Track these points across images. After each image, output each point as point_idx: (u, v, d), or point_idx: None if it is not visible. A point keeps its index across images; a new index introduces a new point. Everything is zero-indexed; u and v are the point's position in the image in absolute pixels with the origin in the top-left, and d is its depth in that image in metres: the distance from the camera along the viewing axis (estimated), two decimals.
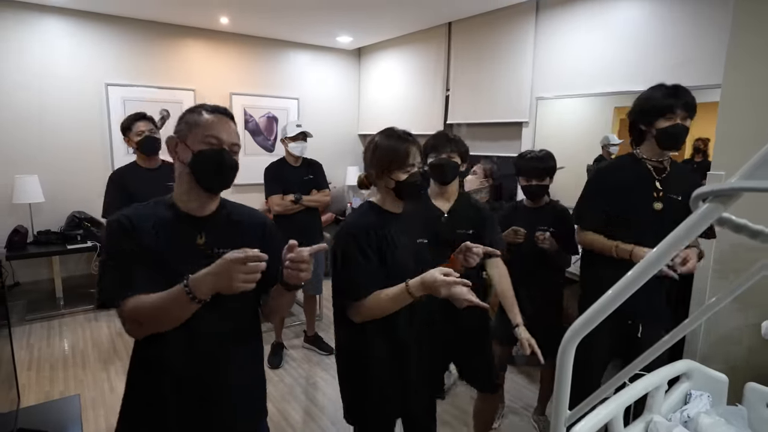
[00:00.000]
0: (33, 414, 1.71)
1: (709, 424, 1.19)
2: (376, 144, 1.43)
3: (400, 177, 1.38)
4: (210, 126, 1.14)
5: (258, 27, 4.58)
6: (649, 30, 2.88)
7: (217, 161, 1.13)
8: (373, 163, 1.42)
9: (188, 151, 1.13)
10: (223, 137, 1.15)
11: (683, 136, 1.69)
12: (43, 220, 4.05)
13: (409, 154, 1.38)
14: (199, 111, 1.17)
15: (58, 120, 4.05)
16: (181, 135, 1.15)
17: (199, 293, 0.99)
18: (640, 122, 1.76)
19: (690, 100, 1.67)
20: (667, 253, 0.68)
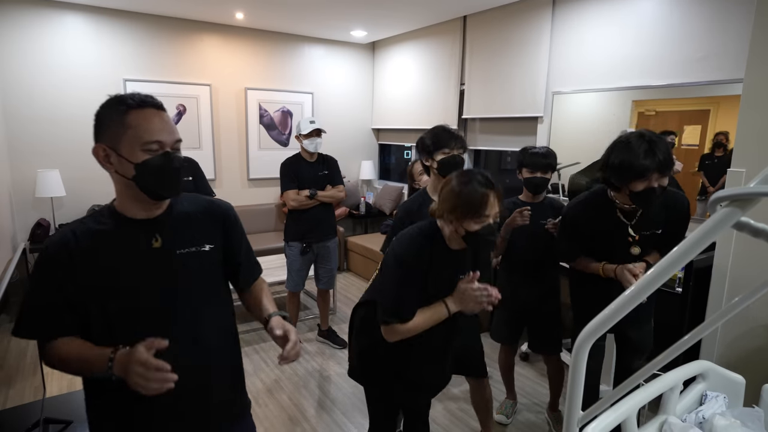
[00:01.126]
0: (58, 403, 1.76)
1: (724, 425, 1.18)
2: (452, 189, 1.34)
3: (472, 227, 1.32)
4: (145, 130, 0.98)
5: (273, 22, 4.59)
6: (668, 23, 2.82)
7: (168, 168, 1.00)
8: (446, 206, 1.34)
9: (126, 163, 0.98)
10: (164, 138, 1.00)
11: (658, 198, 1.64)
12: (65, 213, 4.15)
13: (486, 204, 1.31)
14: (122, 109, 0.98)
15: (78, 115, 4.13)
16: (111, 142, 0.99)
17: (116, 369, 0.92)
18: (614, 179, 1.67)
19: (664, 158, 1.57)
20: (683, 258, 0.68)
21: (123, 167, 0.99)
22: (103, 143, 1.00)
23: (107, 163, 1.01)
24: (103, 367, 0.93)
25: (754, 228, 0.67)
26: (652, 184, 1.59)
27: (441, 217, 1.38)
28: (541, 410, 2.59)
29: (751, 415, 1.21)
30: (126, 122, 0.98)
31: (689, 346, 0.96)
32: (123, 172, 1.00)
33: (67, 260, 0.98)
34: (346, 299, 4.31)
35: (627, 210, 1.76)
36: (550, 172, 2.20)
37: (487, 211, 1.31)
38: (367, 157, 5.83)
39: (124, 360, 0.91)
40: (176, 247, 1.07)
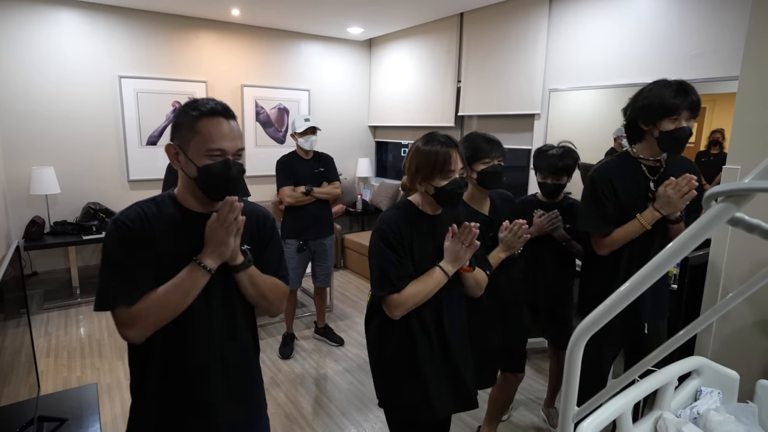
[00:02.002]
0: (52, 401, 1.75)
1: (718, 421, 1.18)
2: (417, 149, 1.41)
3: (440, 183, 1.37)
4: (211, 137, 1.07)
5: (269, 18, 4.57)
6: (665, 21, 2.82)
7: (225, 176, 1.09)
8: (412, 169, 1.41)
9: (191, 164, 1.08)
10: (227, 146, 1.09)
11: (686, 140, 1.57)
12: (60, 211, 4.13)
13: (450, 160, 1.36)
14: (194, 115, 1.07)
15: (73, 112, 4.11)
16: (182, 144, 1.09)
17: (206, 261, 1.07)
18: (641, 121, 1.63)
19: (696, 99, 1.54)
20: (678, 254, 0.68)
21: (188, 168, 1.09)
22: (175, 142, 1.10)
23: (176, 161, 1.11)
24: (198, 271, 1.07)
25: (748, 224, 0.67)
26: (682, 124, 1.53)
27: (411, 184, 1.44)
28: (537, 406, 2.60)
29: (745, 411, 1.22)
30: (196, 127, 1.07)
31: (684, 341, 0.96)
32: (187, 172, 1.10)
33: (143, 234, 1.07)
34: (343, 297, 4.30)
35: (651, 165, 1.69)
36: (565, 175, 2.09)
37: (452, 167, 1.36)
38: (364, 154, 5.82)
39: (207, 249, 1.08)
40: None
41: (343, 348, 3.31)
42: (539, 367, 3.05)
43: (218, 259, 1.10)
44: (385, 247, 1.38)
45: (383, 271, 1.37)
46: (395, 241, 1.38)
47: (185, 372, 1.13)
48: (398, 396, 1.49)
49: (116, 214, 1.09)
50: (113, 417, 2.44)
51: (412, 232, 1.41)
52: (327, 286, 3.40)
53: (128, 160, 4.36)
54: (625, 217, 1.71)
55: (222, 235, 1.08)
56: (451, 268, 1.40)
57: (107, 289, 1.05)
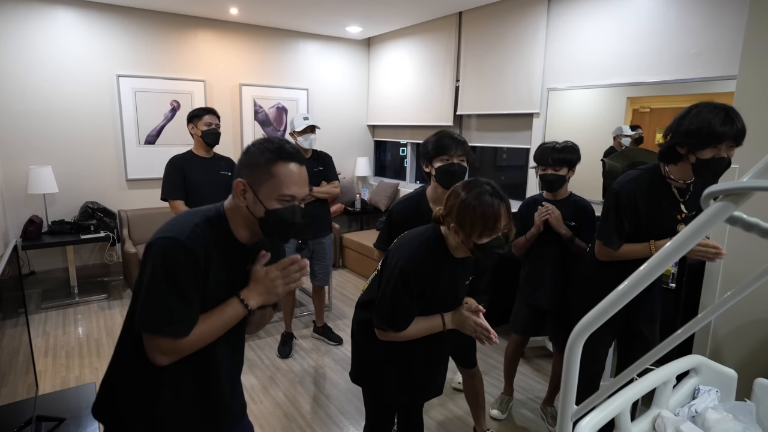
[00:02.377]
0: (50, 401, 1.75)
1: (716, 419, 1.19)
2: (464, 202, 1.29)
3: (483, 240, 1.29)
4: (286, 182, 1.07)
5: (267, 17, 4.57)
6: (663, 20, 2.83)
7: (292, 222, 1.09)
8: (458, 222, 1.30)
9: (260, 205, 1.07)
10: (297, 192, 1.09)
11: (724, 171, 1.51)
12: (57, 210, 4.12)
13: (500, 218, 1.28)
14: (271, 158, 1.07)
15: (71, 111, 4.10)
16: (253, 183, 1.07)
17: (251, 303, 1.09)
18: (681, 145, 1.54)
19: (742, 128, 1.46)
20: (677, 252, 0.68)
21: (255, 207, 1.08)
22: (246, 180, 1.08)
23: (241, 198, 1.09)
24: (239, 308, 1.08)
25: (746, 222, 0.67)
26: (722, 154, 1.47)
27: (448, 226, 1.35)
28: (536, 406, 2.60)
29: (743, 409, 1.22)
30: (272, 171, 1.07)
31: (682, 340, 0.96)
32: (254, 212, 1.09)
33: (205, 261, 1.05)
34: (341, 296, 4.30)
35: (680, 187, 1.65)
36: (565, 167, 2.09)
37: (499, 225, 1.28)
38: (363, 153, 5.82)
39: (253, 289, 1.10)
40: None
41: (342, 347, 3.31)
42: (538, 366, 3.05)
43: (262, 303, 1.12)
44: (405, 288, 1.35)
45: (395, 312, 1.38)
46: (418, 283, 1.36)
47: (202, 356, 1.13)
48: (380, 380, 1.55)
49: (176, 233, 1.02)
50: None
51: (436, 272, 1.38)
52: (326, 285, 3.40)
53: (126, 159, 4.35)
54: (640, 234, 1.69)
55: (278, 287, 1.11)
56: (450, 326, 1.44)
57: (165, 316, 1.00)
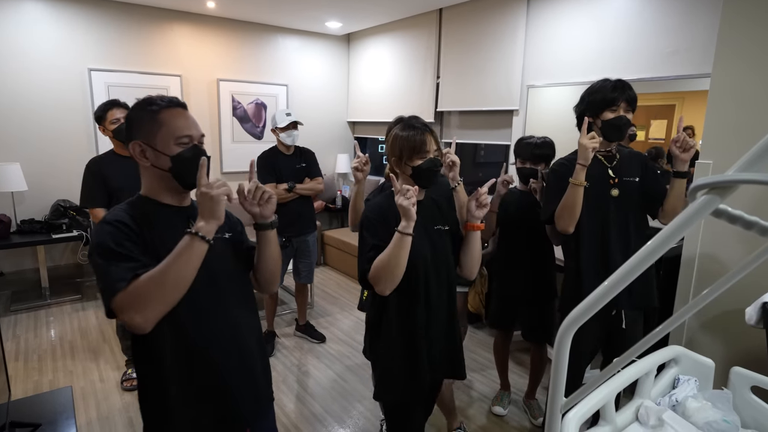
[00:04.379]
0: (24, 406, 1.69)
1: (696, 408, 1.22)
2: (394, 135, 1.53)
3: (416, 163, 1.48)
4: (177, 126, 1.12)
5: (245, 11, 4.49)
6: (640, 19, 2.88)
7: (196, 159, 1.10)
8: (391, 152, 1.53)
9: (161, 156, 1.11)
10: (193, 133, 1.15)
11: (626, 127, 1.77)
12: (27, 209, 3.97)
13: (425, 142, 1.47)
14: (154, 109, 1.12)
15: (40, 106, 3.95)
16: (147, 139, 1.11)
17: (205, 232, 1.05)
18: (587, 114, 1.81)
19: (632, 94, 1.76)
20: (664, 244, 0.69)
21: (159, 160, 1.11)
22: (139, 140, 1.12)
23: (143, 158, 1.12)
24: (193, 241, 1.03)
25: (731, 215, 0.69)
26: (620, 113, 1.74)
27: (397, 167, 1.53)
28: (518, 398, 2.64)
29: (721, 397, 1.26)
30: (159, 120, 1.11)
31: (661, 337, 0.98)
32: (160, 165, 1.12)
33: (137, 230, 1.07)
34: (323, 293, 4.28)
35: (605, 155, 1.86)
36: (542, 163, 2.19)
37: (427, 148, 1.48)
38: (343, 150, 5.79)
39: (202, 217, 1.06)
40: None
41: (325, 345, 3.30)
42: (520, 360, 3.09)
43: (214, 224, 1.07)
44: (366, 233, 1.48)
45: (363, 254, 1.47)
46: (378, 226, 1.46)
47: (198, 357, 1.14)
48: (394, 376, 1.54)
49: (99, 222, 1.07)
50: (89, 420, 2.36)
51: (395, 215, 1.43)
52: (310, 282, 3.37)
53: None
54: (590, 206, 1.81)
55: (214, 201, 1.06)
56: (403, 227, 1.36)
57: (107, 283, 1.01)
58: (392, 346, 1.52)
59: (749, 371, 1.31)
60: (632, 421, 1.26)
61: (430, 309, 1.52)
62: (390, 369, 1.53)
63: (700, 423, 1.19)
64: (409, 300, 1.49)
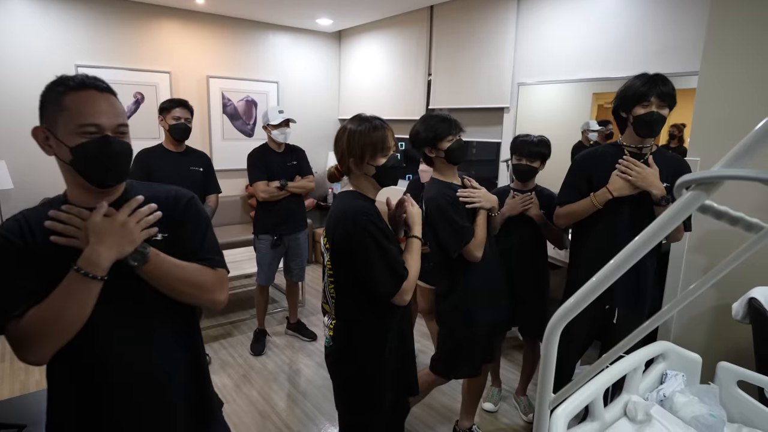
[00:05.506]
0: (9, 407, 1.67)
1: (683, 402, 1.24)
2: (350, 132, 1.39)
3: (380, 162, 1.39)
4: (81, 112, 0.93)
5: (235, 8, 4.45)
6: (628, 17, 2.90)
7: (103, 154, 0.94)
8: (349, 152, 1.39)
9: (63, 146, 0.94)
10: (103, 122, 0.95)
11: (658, 123, 1.72)
12: (13, 207, 3.91)
13: (387, 138, 1.40)
14: (60, 90, 0.95)
15: (26, 103, 3.88)
16: (50, 124, 0.95)
17: (95, 269, 0.90)
18: (621, 109, 1.81)
19: (666, 89, 1.69)
20: (651, 240, 0.69)
21: (60, 151, 0.95)
22: (44, 125, 0.97)
23: (47, 146, 0.98)
24: (79, 281, 0.90)
25: (717, 211, 0.69)
26: (652, 109, 1.69)
27: (343, 167, 1.44)
28: (509, 395, 2.65)
29: (707, 392, 1.28)
30: (63, 103, 0.94)
31: (649, 332, 0.99)
32: (61, 156, 0.96)
33: (22, 246, 0.93)
34: (315, 291, 4.27)
35: (633, 151, 1.81)
36: (538, 160, 2.20)
37: (389, 144, 1.41)
38: None
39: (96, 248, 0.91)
40: None
41: (316, 343, 3.29)
42: (511, 357, 3.11)
43: (115, 258, 0.93)
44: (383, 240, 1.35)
45: (392, 266, 1.34)
46: (384, 227, 1.38)
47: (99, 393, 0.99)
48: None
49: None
50: None
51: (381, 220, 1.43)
52: (301, 281, 3.36)
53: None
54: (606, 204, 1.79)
55: (134, 231, 0.94)
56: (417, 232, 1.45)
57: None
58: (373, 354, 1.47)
59: (735, 366, 1.32)
60: (621, 417, 1.27)
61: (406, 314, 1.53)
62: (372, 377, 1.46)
63: (687, 417, 1.20)
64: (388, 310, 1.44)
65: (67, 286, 0.90)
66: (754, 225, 0.70)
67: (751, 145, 0.56)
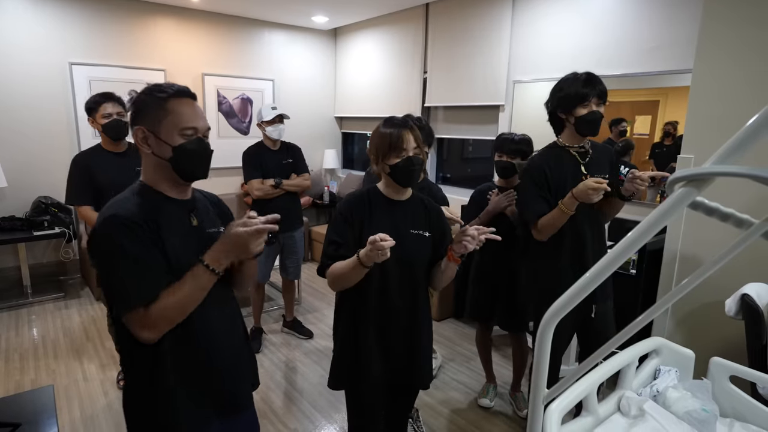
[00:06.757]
0: (4, 405, 1.66)
1: (676, 398, 1.25)
2: (374, 132, 1.50)
3: (393, 161, 1.43)
4: (183, 116, 1.09)
5: (231, 5, 4.43)
6: (623, 14, 2.91)
7: (200, 154, 1.12)
8: (373, 151, 1.49)
9: (164, 145, 1.08)
10: (199, 125, 1.12)
11: (599, 121, 1.76)
12: (7, 206, 3.89)
13: (402, 139, 1.42)
14: (162, 96, 1.09)
15: (20, 101, 3.86)
16: (152, 126, 1.08)
17: (218, 267, 1.07)
18: (559, 111, 1.81)
19: (602, 88, 1.75)
20: (643, 236, 0.70)
21: (161, 149, 1.08)
22: (143, 126, 1.09)
23: (145, 145, 1.10)
24: (205, 275, 1.06)
25: (708, 207, 0.70)
26: (593, 108, 1.72)
27: (376, 166, 1.51)
28: (504, 391, 2.66)
29: (700, 387, 1.28)
30: (166, 108, 1.08)
31: (643, 326, 1.00)
32: (160, 154, 1.09)
33: (148, 225, 1.04)
34: (311, 290, 4.27)
35: (578, 151, 1.85)
36: (519, 157, 2.24)
37: (405, 146, 1.43)
38: (331, 145, 5.77)
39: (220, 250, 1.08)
40: (207, 227, 1.19)
41: (313, 341, 3.29)
42: (506, 353, 3.12)
43: (227, 263, 1.11)
44: (339, 225, 1.48)
45: (324, 252, 1.48)
46: (343, 225, 1.47)
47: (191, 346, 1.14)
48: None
49: (111, 213, 1.03)
50: (71, 420, 2.33)
51: (373, 213, 1.48)
52: (297, 278, 3.36)
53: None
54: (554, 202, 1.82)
55: (250, 243, 1.09)
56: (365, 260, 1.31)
57: (126, 290, 1.01)
58: (344, 338, 1.55)
59: (728, 361, 1.33)
60: (614, 412, 1.28)
61: (388, 311, 1.50)
62: (339, 359, 1.57)
63: (680, 412, 1.21)
64: (363, 298, 1.49)
65: (197, 277, 1.05)
66: (744, 221, 0.70)
67: (742, 142, 0.56)
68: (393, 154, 1.43)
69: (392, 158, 1.43)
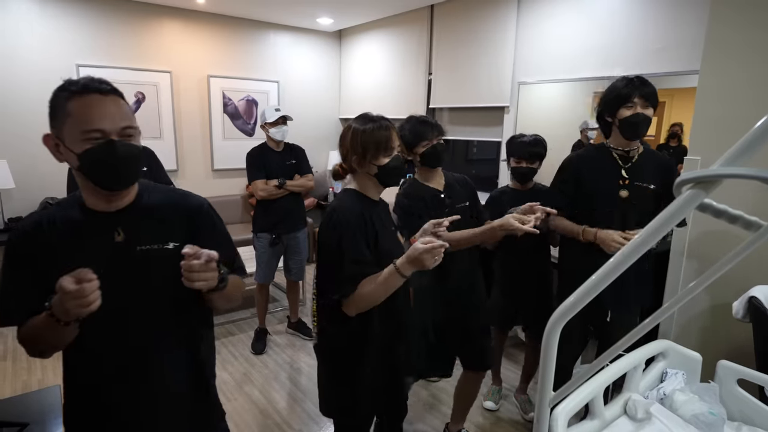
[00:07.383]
0: (11, 405, 1.67)
1: (683, 401, 1.24)
2: (354, 130, 1.40)
3: (383, 162, 1.38)
4: (84, 118, 0.92)
5: (236, 7, 4.45)
6: (629, 15, 2.90)
7: (109, 159, 0.93)
8: (353, 150, 1.39)
9: (70, 153, 0.93)
10: (106, 126, 0.93)
11: (643, 125, 1.72)
12: (15, 207, 3.92)
13: (390, 138, 1.38)
14: (64, 95, 0.93)
15: (27, 103, 3.89)
16: (59, 131, 0.94)
17: (64, 316, 0.86)
18: (605, 113, 1.80)
19: (648, 89, 1.70)
20: (651, 239, 0.69)
21: (69, 157, 0.95)
22: (53, 132, 0.97)
23: (57, 153, 0.98)
24: (50, 321, 0.89)
25: (716, 209, 0.69)
26: (637, 111, 1.69)
27: (346, 165, 1.43)
28: (510, 394, 2.65)
29: (708, 390, 1.28)
30: (68, 110, 0.93)
31: (649, 329, 0.99)
32: (70, 163, 0.96)
33: (41, 242, 0.97)
34: None
35: (621, 154, 1.82)
36: (537, 161, 2.21)
37: (393, 144, 1.39)
38: (335, 147, 5.75)
39: (56, 302, 0.86)
40: (137, 243, 1.02)
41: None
42: (511, 356, 3.11)
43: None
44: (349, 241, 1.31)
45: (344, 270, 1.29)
46: (361, 234, 1.32)
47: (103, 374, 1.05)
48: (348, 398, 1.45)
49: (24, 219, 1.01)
50: None
51: (371, 222, 1.37)
52: (300, 279, 3.37)
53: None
54: (593, 205, 1.81)
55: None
56: (407, 269, 1.24)
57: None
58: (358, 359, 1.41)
59: (735, 364, 1.32)
60: (621, 415, 1.27)
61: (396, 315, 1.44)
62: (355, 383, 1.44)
63: (687, 415, 1.20)
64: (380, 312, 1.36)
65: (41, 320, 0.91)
66: (753, 223, 0.70)
67: (750, 144, 0.56)
68: (382, 154, 1.38)
69: (381, 158, 1.38)
